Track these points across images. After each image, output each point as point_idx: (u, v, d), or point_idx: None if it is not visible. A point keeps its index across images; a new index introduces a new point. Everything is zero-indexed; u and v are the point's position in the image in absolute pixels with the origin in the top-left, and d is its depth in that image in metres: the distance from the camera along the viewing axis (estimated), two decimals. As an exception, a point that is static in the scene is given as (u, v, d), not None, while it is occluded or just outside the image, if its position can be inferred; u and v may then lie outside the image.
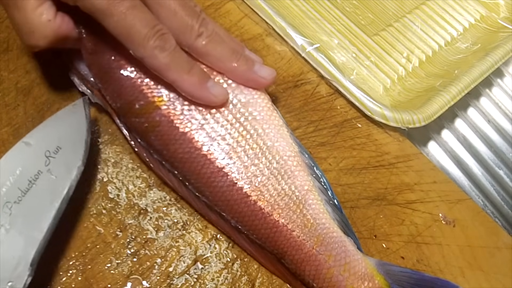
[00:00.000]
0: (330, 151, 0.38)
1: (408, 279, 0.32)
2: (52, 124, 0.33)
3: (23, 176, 0.30)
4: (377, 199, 0.37)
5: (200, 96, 0.32)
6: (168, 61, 0.31)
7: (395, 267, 0.33)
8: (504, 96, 0.47)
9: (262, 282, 0.33)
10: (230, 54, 0.33)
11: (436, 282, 0.32)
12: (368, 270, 0.32)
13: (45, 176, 0.31)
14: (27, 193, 0.30)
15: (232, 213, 0.32)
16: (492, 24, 0.48)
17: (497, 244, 0.36)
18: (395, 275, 0.32)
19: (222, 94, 0.33)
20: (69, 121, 0.33)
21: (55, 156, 0.31)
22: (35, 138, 0.32)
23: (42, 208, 0.30)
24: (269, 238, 0.32)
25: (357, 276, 0.31)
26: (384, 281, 0.32)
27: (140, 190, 0.36)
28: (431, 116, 0.39)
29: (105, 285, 0.32)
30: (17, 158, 0.31)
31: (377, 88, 0.43)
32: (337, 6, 0.47)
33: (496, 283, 0.34)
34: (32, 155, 0.31)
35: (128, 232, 0.34)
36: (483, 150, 0.45)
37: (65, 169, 0.31)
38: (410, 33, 0.47)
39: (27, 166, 0.31)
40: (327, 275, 0.31)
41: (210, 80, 0.33)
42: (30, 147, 0.31)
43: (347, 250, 0.32)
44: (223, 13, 0.44)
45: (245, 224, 0.32)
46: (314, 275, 0.32)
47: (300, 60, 0.42)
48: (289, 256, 0.32)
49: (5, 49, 0.40)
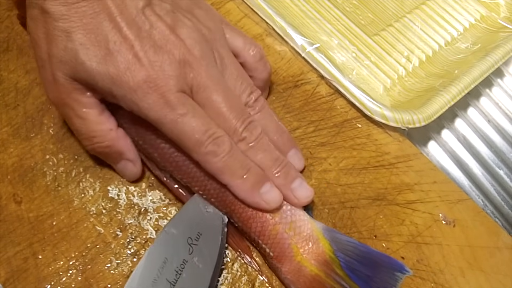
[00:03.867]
0: (330, 151, 0.38)
1: (353, 249, 0.32)
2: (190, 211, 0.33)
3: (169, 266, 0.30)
4: (377, 199, 0.37)
5: (251, 202, 0.32)
6: (221, 166, 0.31)
7: (342, 235, 0.33)
8: (504, 96, 0.47)
9: (262, 282, 0.33)
10: (271, 164, 0.33)
11: (382, 258, 0.32)
12: (314, 232, 0.33)
13: (190, 266, 0.30)
14: (175, 285, 0.30)
15: (182, 174, 0.33)
16: (492, 24, 0.48)
17: (497, 244, 0.36)
18: (341, 243, 0.33)
19: (274, 202, 0.32)
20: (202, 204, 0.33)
21: (197, 243, 0.31)
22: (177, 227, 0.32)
23: None
24: (218, 198, 0.33)
25: (302, 236, 0.32)
26: (329, 246, 0.32)
27: (140, 190, 0.36)
28: (431, 116, 0.39)
29: (105, 285, 0.32)
30: (162, 248, 0.31)
31: (377, 88, 0.43)
32: (337, 6, 0.47)
33: (496, 283, 0.34)
34: (176, 244, 0.31)
35: (128, 232, 0.34)
36: (483, 150, 0.45)
37: (208, 256, 0.31)
38: (410, 33, 0.47)
39: (172, 256, 0.31)
40: (272, 232, 0.32)
41: (265, 185, 0.32)
42: (173, 236, 0.31)
43: (294, 209, 0.33)
44: (223, 13, 0.44)
45: (194, 184, 0.33)
46: (260, 231, 0.32)
47: (300, 60, 0.42)
48: (237, 214, 0.33)
49: (5, 49, 0.40)
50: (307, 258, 0.32)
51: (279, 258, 0.32)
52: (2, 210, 0.34)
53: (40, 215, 0.34)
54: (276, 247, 0.32)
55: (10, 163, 0.36)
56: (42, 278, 0.32)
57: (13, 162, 0.36)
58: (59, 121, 0.37)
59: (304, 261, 0.32)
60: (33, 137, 0.37)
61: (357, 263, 0.32)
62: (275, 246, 0.32)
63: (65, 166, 0.36)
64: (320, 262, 0.32)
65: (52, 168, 0.36)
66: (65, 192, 0.35)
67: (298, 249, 0.32)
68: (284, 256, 0.32)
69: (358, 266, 0.32)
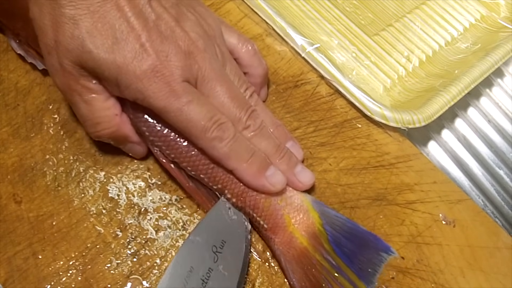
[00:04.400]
0: (330, 151, 0.38)
1: (341, 224, 0.33)
2: (213, 218, 0.33)
3: (195, 275, 0.30)
4: (377, 199, 0.37)
5: (257, 185, 0.33)
6: (227, 151, 0.32)
7: (331, 210, 0.34)
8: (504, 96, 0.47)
9: (262, 282, 0.33)
10: (274, 151, 0.34)
11: (369, 237, 0.33)
12: (304, 204, 0.34)
13: (216, 274, 0.31)
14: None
15: (170, 149, 0.33)
16: (493, 24, 0.48)
17: (497, 244, 0.36)
18: (330, 217, 0.34)
19: (279, 183, 0.33)
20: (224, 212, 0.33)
21: (221, 251, 0.31)
22: (201, 235, 0.32)
23: None
24: (208, 174, 0.33)
25: (293, 206, 0.33)
26: (318, 218, 0.33)
27: (140, 190, 0.36)
28: (431, 116, 0.39)
29: (105, 285, 0.32)
30: (187, 256, 0.31)
31: (377, 88, 0.43)
32: (337, 6, 0.47)
33: (496, 283, 0.34)
34: (201, 252, 0.31)
35: (128, 232, 0.34)
36: (483, 150, 0.45)
37: (233, 263, 0.31)
38: (410, 33, 0.47)
39: (197, 265, 0.31)
40: (265, 204, 0.33)
41: (270, 168, 0.33)
42: (198, 244, 0.31)
43: None
44: (223, 13, 0.44)
45: (183, 160, 0.33)
46: (254, 204, 0.33)
47: (300, 60, 0.42)
48: (229, 190, 0.33)
49: (5, 49, 0.40)
50: (298, 229, 0.33)
51: (273, 229, 0.33)
52: (2, 210, 0.34)
53: (40, 215, 0.34)
54: (270, 218, 0.33)
55: (10, 163, 0.36)
56: (42, 278, 0.32)
57: (13, 162, 0.36)
58: (59, 121, 0.37)
59: (295, 231, 0.33)
60: (33, 137, 0.37)
61: (344, 239, 0.33)
62: (269, 218, 0.33)
63: (65, 166, 0.36)
64: (310, 233, 0.33)
65: (52, 168, 0.36)
66: (65, 192, 0.35)
67: (290, 219, 0.33)
68: (278, 227, 0.33)
69: (345, 241, 0.33)
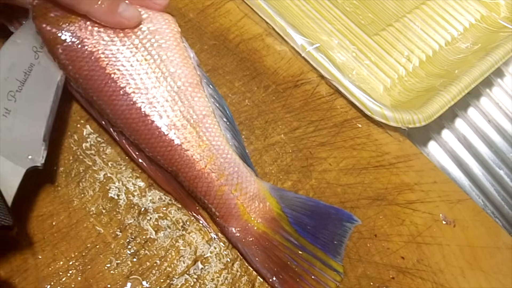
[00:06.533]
0: (330, 151, 0.38)
1: (301, 204, 0.34)
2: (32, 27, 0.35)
3: (17, 69, 0.33)
4: (377, 199, 0.36)
5: (113, 22, 0.34)
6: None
7: (289, 193, 0.35)
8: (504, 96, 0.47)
9: (262, 282, 0.33)
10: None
11: (330, 211, 0.34)
12: (260, 192, 0.34)
13: (37, 68, 0.34)
14: (25, 82, 0.33)
15: (131, 131, 0.34)
16: (493, 24, 0.48)
17: (497, 244, 0.36)
18: (288, 200, 0.34)
19: (134, 17, 0.34)
20: None
21: (41, 50, 0.34)
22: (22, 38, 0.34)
23: (41, 93, 0.33)
24: (164, 156, 0.34)
25: (248, 196, 0.34)
26: (276, 204, 0.34)
27: (140, 190, 0.36)
28: (431, 116, 0.39)
29: (105, 285, 0.32)
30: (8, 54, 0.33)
31: (377, 88, 0.43)
32: (337, 6, 0.47)
33: (496, 283, 0.34)
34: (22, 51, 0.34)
35: (128, 232, 0.34)
36: (483, 150, 0.45)
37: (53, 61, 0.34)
38: (410, 33, 0.47)
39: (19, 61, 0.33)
40: (218, 192, 0.33)
41: (121, 5, 0.34)
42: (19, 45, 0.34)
43: (240, 171, 0.34)
44: (223, 13, 0.44)
45: (142, 141, 0.34)
46: (206, 191, 0.33)
47: (300, 60, 0.42)
48: (183, 173, 0.34)
49: None
50: (253, 217, 0.33)
51: (225, 217, 0.33)
52: (2, 210, 0.34)
53: (40, 215, 0.34)
54: (222, 207, 0.33)
55: (10, 163, 0.36)
56: (42, 278, 0.32)
57: (13, 162, 0.36)
58: (59, 121, 0.37)
59: (250, 219, 0.33)
60: (33, 137, 0.37)
61: (305, 218, 0.33)
62: (221, 206, 0.33)
63: (65, 166, 0.36)
64: (267, 219, 0.33)
65: (52, 168, 0.36)
66: (65, 192, 0.35)
67: (245, 208, 0.33)
68: (231, 216, 0.33)
69: (307, 220, 0.33)
